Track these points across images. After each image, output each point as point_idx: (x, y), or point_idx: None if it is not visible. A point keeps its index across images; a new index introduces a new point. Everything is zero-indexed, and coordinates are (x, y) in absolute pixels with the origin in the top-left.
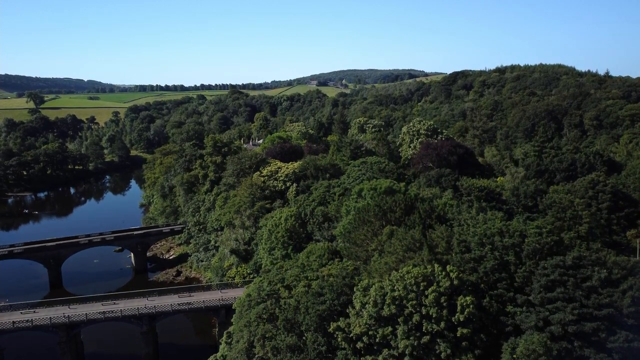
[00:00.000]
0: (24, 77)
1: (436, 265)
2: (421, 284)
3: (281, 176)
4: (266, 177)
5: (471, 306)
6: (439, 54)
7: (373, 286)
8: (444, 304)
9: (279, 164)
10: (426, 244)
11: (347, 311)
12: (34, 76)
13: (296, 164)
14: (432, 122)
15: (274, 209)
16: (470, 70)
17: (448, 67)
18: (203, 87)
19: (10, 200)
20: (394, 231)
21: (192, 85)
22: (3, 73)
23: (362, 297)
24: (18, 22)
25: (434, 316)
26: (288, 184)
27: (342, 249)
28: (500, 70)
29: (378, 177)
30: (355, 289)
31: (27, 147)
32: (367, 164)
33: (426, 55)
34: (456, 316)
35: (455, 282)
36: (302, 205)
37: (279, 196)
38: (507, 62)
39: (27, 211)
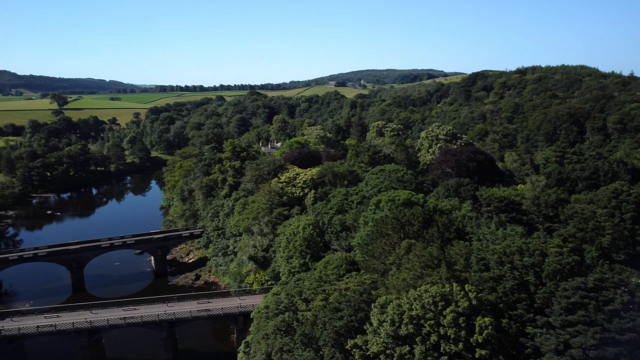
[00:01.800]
0: (47, 77)
1: (454, 284)
2: (439, 303)
3: (299, 182)
4: (284, 184)
5: (490, 327)
6: (458, 53)
7: (390, 304)
8: (462, 325)
9: (297, 170)
10: (444, 261)
11: (365, 328)
12: (57, 76)
13: (314, 171)
14: (451, 127)
15: (292, 215)
16: (490, 71)
17: (468, 67)
18: (222, 87)
19: (34, 201)
20: (412, 245)
21: (212, 85)
22: (28, 74)
23: (380, 314)
24: (43, 22)
25: (452, 337)
26: (306, 190)
27: (360, 262)
28: (521, 72)
29: (396, 187)
30: (372, 306)
31: (51, 148)
32: (385, 172)
33: (446, 55)
34: (474, 337)
35: (474, 302)
36: (320, 214)
37: (297, 203)
38: (528, 63)
39: (50, 212)
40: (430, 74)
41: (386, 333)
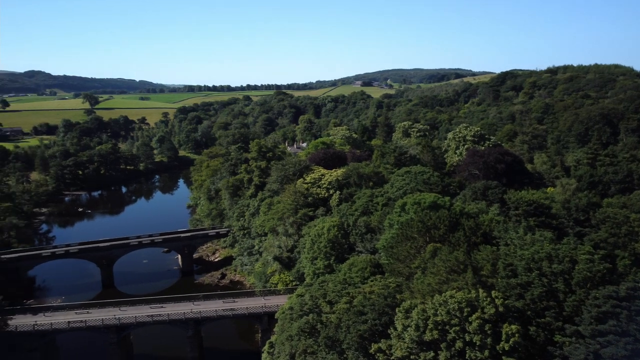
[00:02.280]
0: (80, 77)
1: (480, 290)
2: (465, 309)
3: (324, 183)
4: (309, 184)
5: (517, 335)
6: (487, 52)
7: (415, 309)
8: (489, 332)
9: (322, 170)
10: (470, 266)
11: (389, 332)
12: (89, 77)
13: (339, 172)
14: (478, 128)
15: (317, 216)
16: (520, 70)
17: (497, 67)
18: (249, 87)
19: (67, 199)
20: (437, 249)
21: (239, 85)
22: (61, 74)
23: (404, 319)
24: (77, 25)
25: (477, 344)
26: (331, 191)
27: (385, 264)
28: (552, 71)
29: (422, 190)
30: (397, 310)
31: (82, 147)
32: (411, 174)
33: (474, 54)
34: (501, 344)
35: (501, 308)
36: (344, 215)
37: (322, 204)
38: (559, 62)
39: (81, 209)
40: (458, 74)
41: (410, 338)
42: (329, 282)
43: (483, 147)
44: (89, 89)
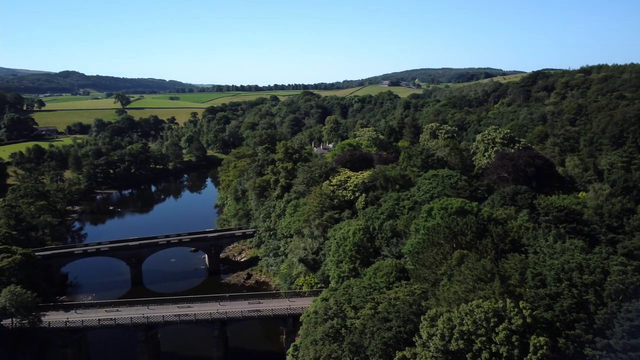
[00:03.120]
0: (112, 77)
1: (508, 300)
2: (492, 319)
3: (350, 186)
4: (335, 187)
5: (545, 347)
6: (518, 51)
7: (441, 317)
8: (516, 343)
9: (348, 173)
10: (498, 275)
11: (414, 340)
12: (121, 77)
13: (365, 174)
14: (508, 130)
15: (343, 219)
16: (552, 70)
17: (528, 66)
18: (276, 87)
19: (98, 197)
20: (464, 256)
21: (266, 85)
22: (95, 74)
23: (430, 327)
24: (110, 26)
25: (504, 355)
26: (357, 194)
27: (410, 269)
28: (586, 71)
29: (449, 194)
30: (422, 318)
31: (114, 146)
32: (438, 177)
33: (504, 53)
34: (528, 357)
35: (528, 319)
36: (370, 219)
37: (348, 206)
38: (593, 62)
39: (112, 208)
40: (488, 73)
41: (436, 347)
42: (353, 287)
43: (512, 150)
44: (120, 88)
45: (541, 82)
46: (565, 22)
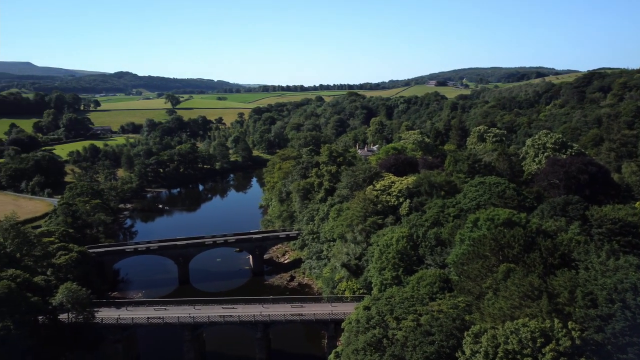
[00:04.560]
0: (163, 78)
1: (556, 320)
2: (538, 339)
3: (394, 191)
4: (379, 192)
5: None
6: (572, 49)
7: (485, 334)
8: None
9: (393, 177)
10: (546, 292)
11: (456, 355)
12: (171, 77)
13: (410, 179)
14: (560, 135)
15: (386, 225)
16: (609, 69)
17: (583, 65)
18: (322, 87)
19: (148, 196)
20: (510, 270)
21: (312, 85)
22: (147, 74)
23: (473, 344)
24: (162, 29)
25: None
26: (401, 199)
27: (454, 280)
28: None
29: (496, 204)
30: (465, 334)
31: (164, 146)
32: (485, 185)
33: (557, 51)
34: None
35: (578, 341)
36: (414, 226)
37: (391, 212)
38: None
39: (161, 206)
40: (540, 72)
41: None
42: (395, 297)
43: (564, 156)
44: (170, 88)
45: (597, 82)
46: (624, 18)
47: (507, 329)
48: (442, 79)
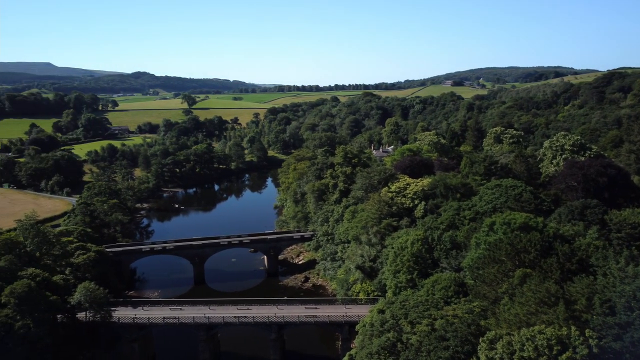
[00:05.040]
0: (180, 78)
1: (573, 328)
2: (554, 347)
3: (409, 193)
4: (394, 193)
5: None
6: (592, 48)
7: (500, 340)
8: None
9: (408, 179)
10: (563, 299)
11: None
12: (188, 77)
13: (425, 181)
14: (578, 137)
15: (401, 227)
16: (630, 69)
17: (602, 64)
18: (337, 87)
19: (165, 195)
20: (527, 275)
21: (327, 85)
22: (164, 75)
23: (488, 350)
24: (178, 29)
25: None
26: (416, 201)
27: (470, 284)
28: None
29: (513, 207)
30: (481, 340)
31: (180, 146)
32: (502, 188)
33: (576, 50)
34: None
35: (595, 349)
36: (429, 228)
37: (406, 214)
38: None
39: (177, 206)
40: (558, 72)
41: None
42: (410, 300)
43: (583, 158)
44: (187, 88)
45: (617, 82)
46: None
47: (523, 335)
48: (459, 79)
